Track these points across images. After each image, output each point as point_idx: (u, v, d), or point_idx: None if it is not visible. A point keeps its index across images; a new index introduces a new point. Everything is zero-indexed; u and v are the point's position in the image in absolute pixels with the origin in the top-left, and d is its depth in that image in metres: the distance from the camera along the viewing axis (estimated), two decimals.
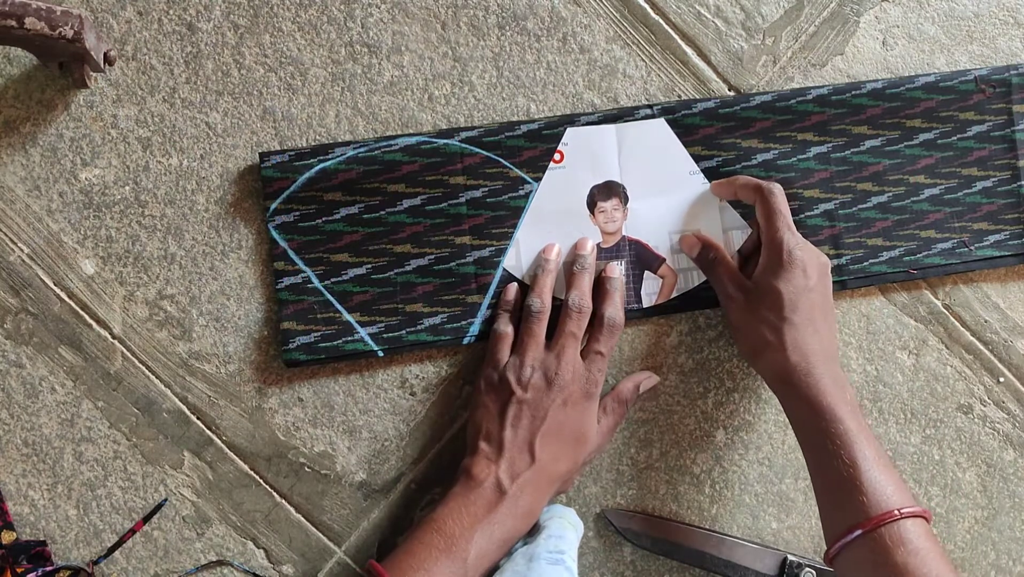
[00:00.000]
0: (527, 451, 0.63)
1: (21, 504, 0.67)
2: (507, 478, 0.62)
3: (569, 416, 0.64)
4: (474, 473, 0.62)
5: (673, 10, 0.71)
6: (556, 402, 0.64)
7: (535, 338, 0.65)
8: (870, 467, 0.57)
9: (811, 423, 0.60)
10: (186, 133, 0.69)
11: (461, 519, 0.60)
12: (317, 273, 0.68)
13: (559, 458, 0.63)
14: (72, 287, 0.68)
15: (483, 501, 0.61)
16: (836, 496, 0.58)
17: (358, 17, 0.70)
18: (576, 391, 0.64)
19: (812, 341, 0.62)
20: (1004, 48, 0.73)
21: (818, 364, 0.61)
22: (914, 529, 0.56)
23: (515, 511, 0.62)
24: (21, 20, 0.61)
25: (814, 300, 0.63)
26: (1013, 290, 0.72)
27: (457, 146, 0.68)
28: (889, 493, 0.57)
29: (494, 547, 0.61)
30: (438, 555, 0.59)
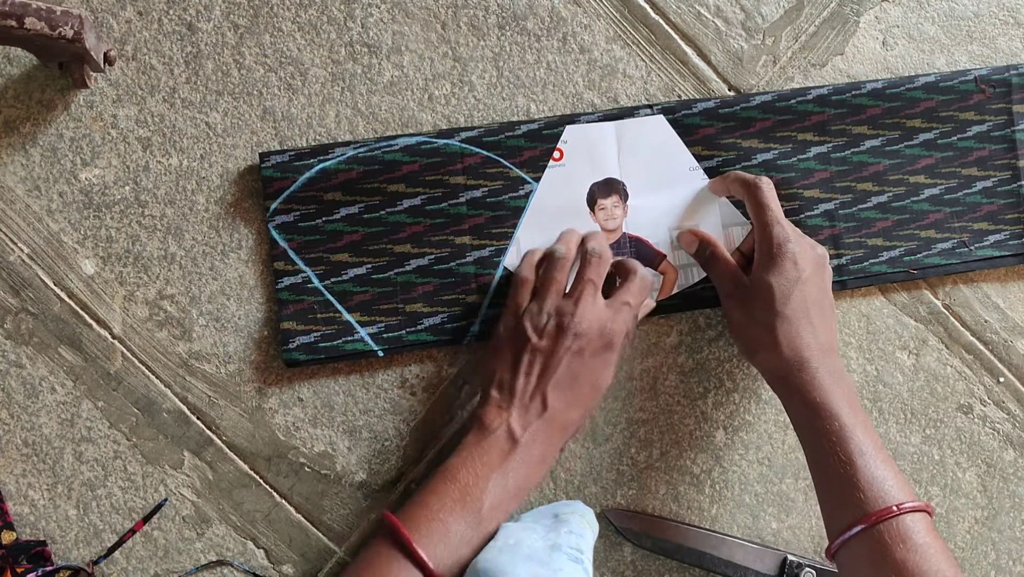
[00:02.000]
0: (539, 400, 0.62)
1: (21, 504, 0.67)
2: (519, 427, 0.61)
3: (585, 365, 0.63)
4: (486, 422, 0.61)
5: (673, 10, 0.71)
6: (571, 350, 0.62)
7: (555, 285, 0.64)
8: (868, 462, 0.57)
9: (807, 420, 0.60)
10: (186, 133, 0.69)
11: (474, 468, 0.60)
12: (317, 273, 0.68)
13: (572, 406, 0.63)
14: (72, 287, 0.68)
15: (496, 450, 0.61)
16: (835, 493, 0.58)
17: (358, 17, 0.70)
18: (594, 340, 0.62)
19: (805, 335, 0.62)
20: (1004, 48, 0.73)
21: (812, 359, 0.61)
22: (915, 524, 0.55)
23: (528, 459, 0.61)
24: (21, 20, 0.61)
25: (807, 293, 0.63)
26: (1013, 290, 0.72)
27: (457, 146, 0.68)
28: (888, 488, 0.56)
29: (508, 495, 0.60)
30: (452, 504, 0.59)
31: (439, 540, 0.58)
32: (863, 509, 0.56)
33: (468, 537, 0.59)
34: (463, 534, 0.58)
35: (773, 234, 0.63)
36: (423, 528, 0.58)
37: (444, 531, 0.58)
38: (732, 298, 0.66)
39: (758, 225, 0.65)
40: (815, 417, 0.59)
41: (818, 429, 0.59)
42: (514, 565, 0.61)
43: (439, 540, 0.58)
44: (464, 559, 0.58)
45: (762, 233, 0.64)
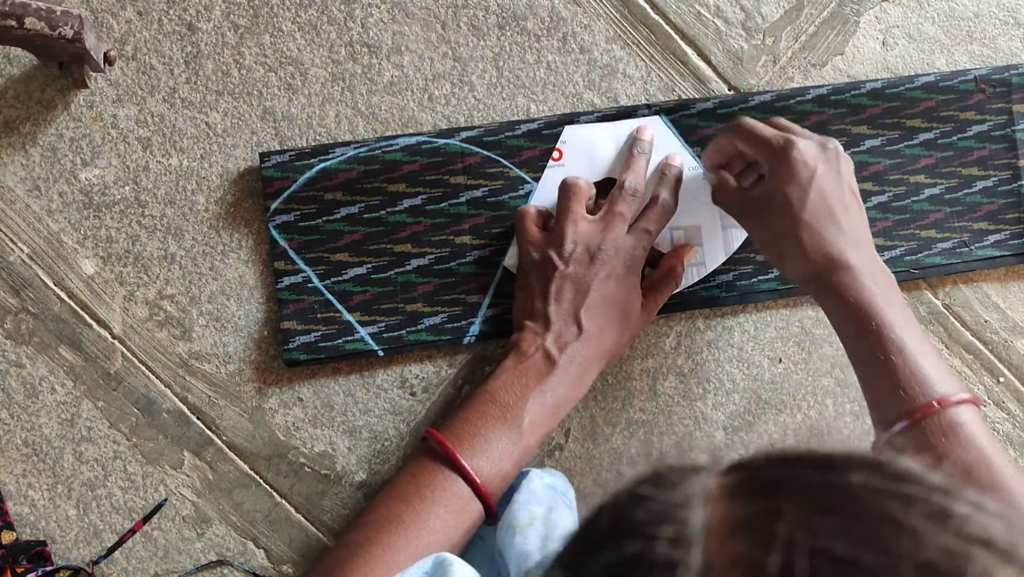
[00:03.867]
0: (573, 323, 0.62)
1: (21, 504, 0.67)
2: (555, 349, 0.62)
3: (613, 289, 0.63)
4: (523, 348, 0.62)
5: (673, 10, 0.71)
6: (599, 276, 0.63)
7: (572, 214, 0.64)
8: (908, 359, 0.55)
9: (843, 322, 0.58)
10: (186, 133, 0.69)
11: (513, 389, 0.61)
12: (317, 273, 0.68)
13: (605, 330, 0.63)
14: (72, 287, 0.68)
15: (534, 371, 0.61)
16: (878, 393, 0.56)
17: (358, 17, 0.70)
18: (619, 265, 0.63)
19: (830, 235, 0.58)
20: (1004, 48, 0.73)
21: (841, 258, 0.58)
22: (960, 417, 0.53)
23: (566, 379, 0.62)
24: (21, 20, 0.61)
25: (824, 190, 0.59)
26: (1013, 290, 0.72)
27: (457, 146, 0.68)
28: (932, 383, 0.54)
29: (547, 413, 0.61)
30: (494, 422, 0.60)
31: (481, 452, 0.59)
32: (905, 406, 0.54)
33: (510, 451, 0.60)
34: (504, 448, 0.60)
35: (772, 143, 0.61)
36: (465, 442, 0.59)
37: (486, 445, 0.59)
38: (747, 217, 0.63)
39: (755, 145, 0.62)
40: (851, 318, 0.57)
41: (856, 330, 0.57)
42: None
43: (481, 452, 0.59)
44: (506, 472, 0.60)
45: (761, 149, 0.61)
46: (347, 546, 0.57)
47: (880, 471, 0.28)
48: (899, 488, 0.27)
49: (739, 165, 0.66)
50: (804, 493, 0.28)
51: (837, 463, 0.29)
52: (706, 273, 0.69)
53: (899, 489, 0.27)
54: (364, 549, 0.56)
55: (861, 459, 0.29)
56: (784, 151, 0.60)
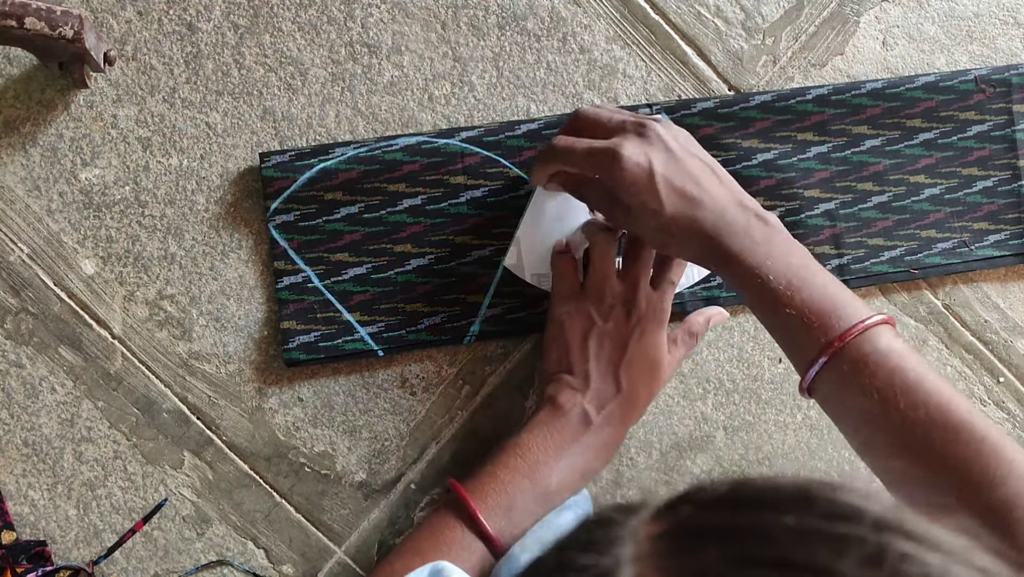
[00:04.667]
0: (612, 380, 0.62)
1: (21, 504, 0.67)
2: (593, 408, 0.62)
3: (646, 345, 0.63)
4: (560, 401, 0.62)
5: (673, 10, 0.71)
6: (635, 333, 0.63)
7: (606, 269, 0.64)
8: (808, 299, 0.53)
9: (743, 291, 0.56)
10: (186, 133, 0.69)
11: (546, 446, 0.60)
12: (317, 273, 0.68)
13: (639, 387, 0.63)
14: (72, 287, 0.68)
15: (568, 430, 0.61)
16: (791, 343, 0.55)
17: (358, 17, 0.70)
18: (650, 320, 0.63)
19: (698, 217, 0.56)
20: (1004, 48, 0.73)
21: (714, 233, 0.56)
22: (877, 342, 0.52)
23: (597, 442, 0.61)
24: (21, 20, 0.61)
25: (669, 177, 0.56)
26: (1013, 290, 0.72)
27: (457, 146, 0.68)
28: (840, 314, 0.53)
29: (576, 476, 0.61)
30: (521, 479, 0.59)
31: (504, 511, 0.58)
32: (817, 345, 0.53)
33: (532, 510, 0.59)
34: (528, 508, 0.59)
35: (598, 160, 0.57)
36: (490, 499, 0.58)
37: (510, 503, 0.58)
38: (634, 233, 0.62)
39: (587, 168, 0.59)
40: (746, 284, 0.55)
41: (753, 293, 0.55)
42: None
43: (504, 511, 0.58)
44: (525, 529, 0.59)
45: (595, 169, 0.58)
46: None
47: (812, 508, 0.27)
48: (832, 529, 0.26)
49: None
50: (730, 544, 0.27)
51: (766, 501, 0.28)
52: (706, 273, 0.69)
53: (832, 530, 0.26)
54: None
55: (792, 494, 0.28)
56: (613, 167, 0.57)
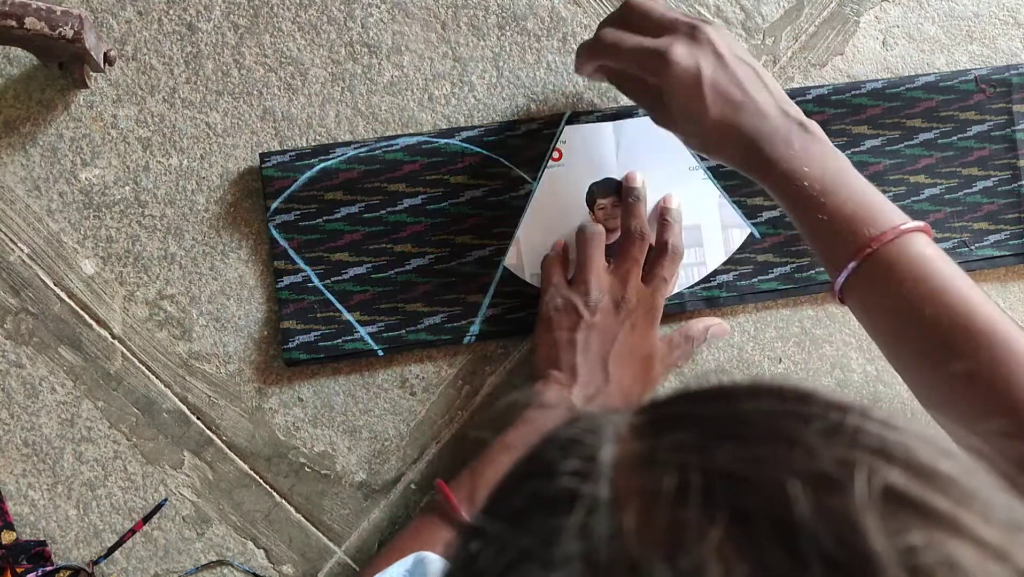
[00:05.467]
0: (600, 371, 0.62)
1: (21, 504, 0.67)
2: (581, 401, 0.61)
3: (636, 339, 0.63)
4: (547, 397, 0.61)
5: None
6: (625, 326, 0.63)
7: (595, 262, 0.65)
8: (846, 203, 0.53)
9: (780, 196, 0.56)
10: (186, 133, 0.69)
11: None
12: (317, 272, 0.68)
13: (629, 381, 0.63)
14: (72, 287, 0.68)
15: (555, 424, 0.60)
16: (825, 246, 0.55)
17: (358, 17, 0.70)
18: (641, 315, 0.64)
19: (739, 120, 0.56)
20: (1004, 48, 0.73)
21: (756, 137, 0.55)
22: (911, 247, 0.52)
23: None
24: (21, 20, 0.61)
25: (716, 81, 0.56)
26: (1013, 290, 0.72)
27: (458, 146, 0.68)
28: (875, 219, 0.52)
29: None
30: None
31: None
32: (851, 247, 0.52)
33: None
34: None
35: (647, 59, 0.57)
36: (475, 498, 0.58)
37: None
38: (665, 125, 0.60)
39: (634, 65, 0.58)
40: (783, 189, 0.55)
41: (791, 198, 0.55)
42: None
43: None
44: None
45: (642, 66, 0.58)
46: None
47: (780, 395, 0.29)
48: (796, 408, 0.28)
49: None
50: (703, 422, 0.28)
51: (739, 392, 0.29)
52: (706, 273, 0.69)
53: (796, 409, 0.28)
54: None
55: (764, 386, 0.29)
56: (662, 68, 0.56)
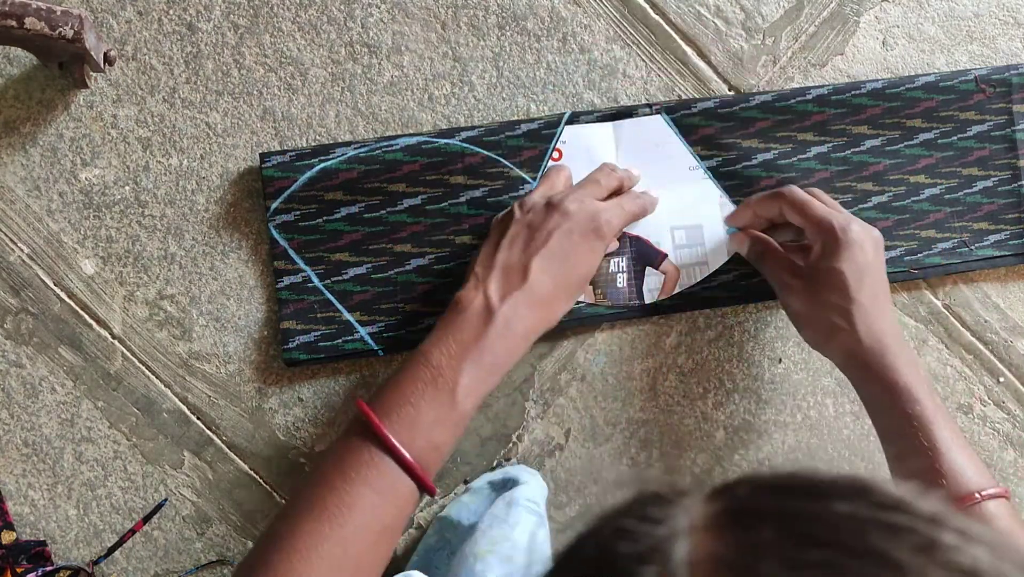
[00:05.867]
0: (520, 269, 0.59)
1: (21, 504, 0.67)
2: (496, 297, 0.58)
3: (573, 246, 0.60)
4: (460, 298, 0.59)
5: (673, 10, 0.71)
6: (561, 227, 0.60)
7: (549, 180, 0.65)
8: (949, 448, 0.56)
9: (888, 405, 0.59)
10: (186, 133, 0.69)
11: (448, 348, 0.57)
12: (317, 272, 0.68)
13: (555, 285, 0.60)
14: (72, 287, 0.68)
15: (470, 326, 0.57)
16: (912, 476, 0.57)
17: (358, 17, 0.70)
18: (584, 222, 0.60)
19: (882, 320, 0.60)
20: (1004, 48, 0.73)
21: (892, 344, 0.59)
22: (996, 510, 0.55)
23: (505, 334, 0.57)
24: (21, 20, 0.61)
25: (876, 277, 0.61)
26: (1013, 290, 0.72)
27: (458, 146, 0.68)
28: (970, 476, 0.56)
29: (484, 374, 0.57)
30: (424, 387, 0.56)
31: (411, 424, 0.55)
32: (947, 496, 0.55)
33: (442, 420, 0.56)
34: (437, 416, 0.56)
35: (833, 220, 0.62)
36: (394, 413, 0.55)
37: (416, 415, 0.55)
38: (793, 290, 0.63)
39: (810, 219, 0.63)
40: (898, 402, 0.58)
41: (901, 413, 0.58)
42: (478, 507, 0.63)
43: (411, 424, 0.55)
44: (439, 443, 0.56)
45: (818, 223, 0.62)
46: (271, 540, 0.53)
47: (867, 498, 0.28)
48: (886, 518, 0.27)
49: (761, 225, 0.67)
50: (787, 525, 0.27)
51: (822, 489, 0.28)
52: (707, 273, 0.69)
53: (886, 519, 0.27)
54: (288, 544, 0.52)
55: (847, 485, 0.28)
56: (844, 231, 0.61)
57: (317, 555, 0.51)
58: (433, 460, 0.56)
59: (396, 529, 0.55)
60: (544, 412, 0.70)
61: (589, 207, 0.61)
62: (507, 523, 0.61)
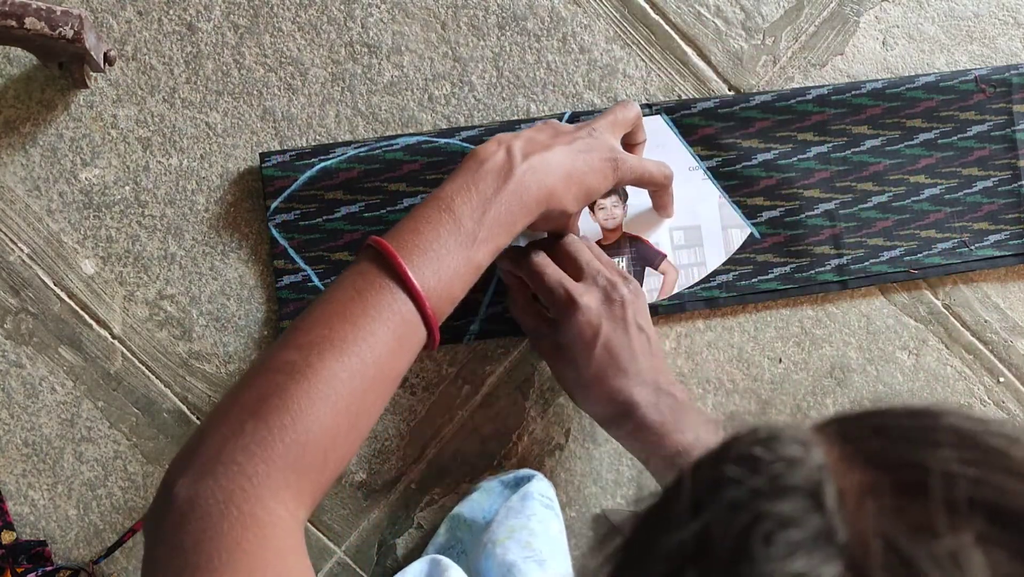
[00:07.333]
0: (543, 144, 0.58)
1: (21, 504, 0.67)
2: (519, 151, 0.57)
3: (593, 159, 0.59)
4: (479, 151, 0.57)
5: (673, 10, 0.71)
6: (585, 138, 0.59)
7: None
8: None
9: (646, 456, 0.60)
10: (186, 133, 0.69)
11: (470, 197, 0.55)
12: (317, 272, 0.68)
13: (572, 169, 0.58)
14: (72, 287, 0.68)
15: (491, 178, 0.56)
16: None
17: (358, 17, 0.70)
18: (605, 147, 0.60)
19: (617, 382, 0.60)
20: (1004, 48, 0.73)
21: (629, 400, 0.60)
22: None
23: (521, 193, 0.56)
24: (21, 20, 0.61)
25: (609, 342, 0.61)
26: (1013, 290, 0.72)
27: (458, 145, 0.68)
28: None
29: (497, 230, 0.56)
30: (447, 236, 0.54)
31: (432, 272, 0.53)
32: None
33: (460, 271, 0.54)
34: (456, 267, 0.54)
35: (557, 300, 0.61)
36: (416, 257, 0.53)
37: (437, 263, 0.53)
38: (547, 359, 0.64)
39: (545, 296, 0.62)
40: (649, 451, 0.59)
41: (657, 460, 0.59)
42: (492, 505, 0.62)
43: (432, 272, 0.53)
44: (455, 295, 0.55)
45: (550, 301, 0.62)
46: (283, 370, 0.49)
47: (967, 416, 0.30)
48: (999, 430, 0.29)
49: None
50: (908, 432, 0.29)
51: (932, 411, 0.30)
52: (706, 273, 0.69)
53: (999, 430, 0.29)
54: (303, 376, 0.48)
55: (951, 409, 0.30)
56: (569, 311, 0.60)
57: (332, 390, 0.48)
58: (445, 312, 0.54)
59: (398, 377, 0.53)
60: (544, 412, 0.70)
61: (612, 140, 0.61)
62: (523, 514, 0.61)
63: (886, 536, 0.26)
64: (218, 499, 0.44)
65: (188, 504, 0.44)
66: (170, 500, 0.44)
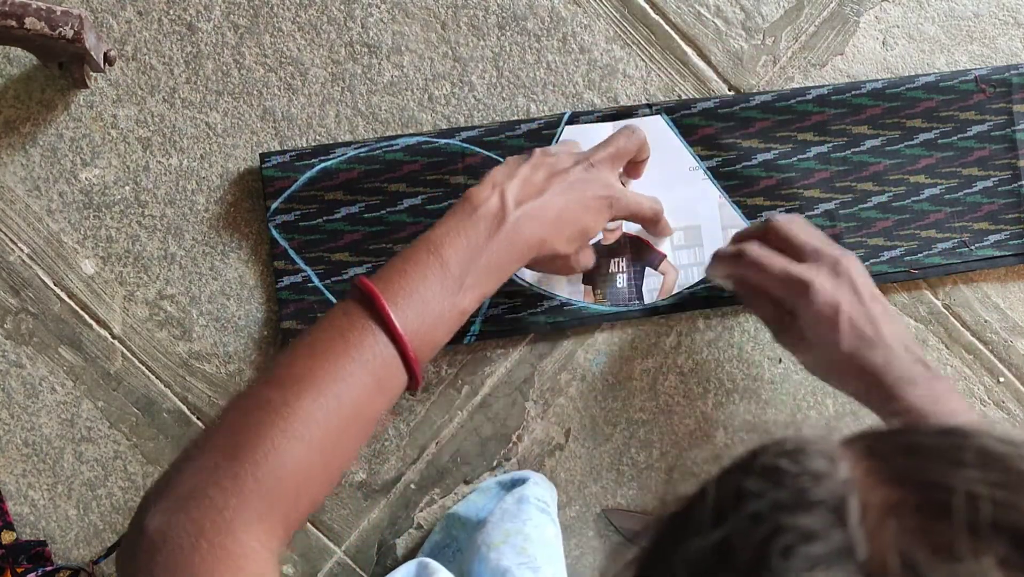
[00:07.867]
0: (538, 187, 0.58)
1: (21, 504, 0.67)
2: (512, 201, 0.56)
3: (588, 199, 0.59)
4: (472, 194, 0.57)
5: (673, 10, 0.71)
6: (581, 177, 0.59)
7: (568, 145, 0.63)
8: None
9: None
10: (186, 133, 0.69)
11: (459, 243, 0.55)
12: (318, 272, 0.68)
13: (566, 213, 0.58)
14: (72, 287, 0.68)
15: (483, 225, 0.56)
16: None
17: (358, 17, 0.70)
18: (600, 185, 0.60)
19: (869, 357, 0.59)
20: (1004, 48, 0.73)
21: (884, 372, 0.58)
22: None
23: (512, 239, 0.56)
24: (21, 20, 0.61)
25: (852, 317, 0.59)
26: (1013, 290, 0.72)
27: (458, 146, 0.68)
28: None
29: (485, 277, 0.56)
30: (433, 279, 0.53)
31: (416, 315, 0.52)
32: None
33: (445, 316, 0.54)
34: (440, 312, 0.53)
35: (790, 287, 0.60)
36: (400, 299, 0.52)
37: (422, 307, 0.53)
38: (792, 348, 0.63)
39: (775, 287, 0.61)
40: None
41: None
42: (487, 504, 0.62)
43: (416, 315, 0.52)
44: (438, 340, 0.54)
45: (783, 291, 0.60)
46: (261, 407, 0.48)
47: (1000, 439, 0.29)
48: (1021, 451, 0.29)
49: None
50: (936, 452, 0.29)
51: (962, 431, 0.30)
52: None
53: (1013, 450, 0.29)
54: (279, 414, 0.48)
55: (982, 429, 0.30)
56: (805, 296, 0.59)
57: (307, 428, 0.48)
58: (426, 357, 0.54)
59: (374, 421, 0.53)
60: (544, 412, 0.70)
61: (608, 176, 0.61)
62: (519, 518, 0.61)
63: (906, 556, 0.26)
64: (189, 532, 0.44)
65: (160, 536, 0.44)
66: (142, 532, 0.44)
